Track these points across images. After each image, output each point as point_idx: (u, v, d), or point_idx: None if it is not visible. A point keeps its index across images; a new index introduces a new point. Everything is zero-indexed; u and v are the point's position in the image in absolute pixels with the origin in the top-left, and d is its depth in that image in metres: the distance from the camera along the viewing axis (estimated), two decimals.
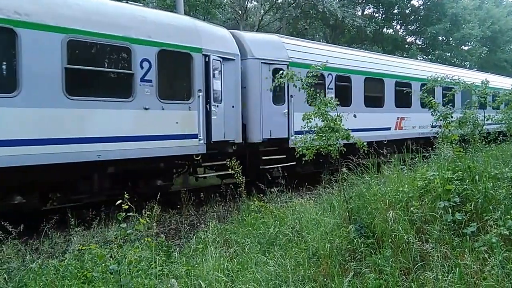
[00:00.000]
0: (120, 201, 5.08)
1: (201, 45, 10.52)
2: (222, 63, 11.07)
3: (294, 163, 12.05)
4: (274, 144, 12.45)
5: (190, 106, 10.24)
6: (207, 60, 10.59)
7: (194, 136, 10.33)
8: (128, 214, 5.26)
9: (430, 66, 20.35)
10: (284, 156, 12.41)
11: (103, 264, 5.03)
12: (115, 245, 5.17)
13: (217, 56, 10.88)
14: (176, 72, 10.51)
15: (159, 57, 9.63)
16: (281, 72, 11.66)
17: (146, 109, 9.32)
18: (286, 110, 12.52)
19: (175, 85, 10.48)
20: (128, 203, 5.04)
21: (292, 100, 12.52)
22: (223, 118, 11.00)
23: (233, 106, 11.33)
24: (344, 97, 13.93)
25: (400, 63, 18.23)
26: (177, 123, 9.96)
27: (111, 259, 5.14)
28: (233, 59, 11.43)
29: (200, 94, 10.40)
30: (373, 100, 15.86)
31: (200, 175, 11.46)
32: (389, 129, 16.40)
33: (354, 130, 13.74)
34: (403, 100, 16.65)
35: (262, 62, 12.18)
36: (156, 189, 9.61)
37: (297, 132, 12.29)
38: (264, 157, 12.15)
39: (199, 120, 10.39)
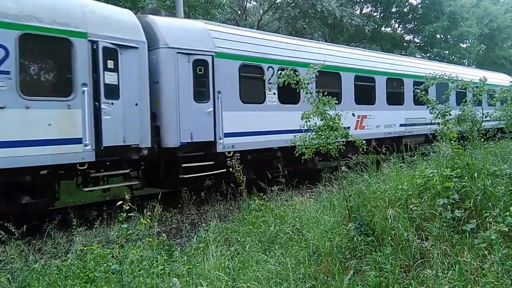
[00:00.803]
0: (121, 202, 5.12)
1: (87, 29, 8.62)
2: (120, 51, 9.10)
3: (224, 170, 10.34)
4: (199, 149, 10.62)
5: (70, 104, 8.34)
6: (95, 47, 8.69)
7: (77, 141, 8.40)
8: (129, 214, 5.31)
9: (396, 58, 18.87)
10: (212, 162, 10.68)
11: (105, 264, 5.06)
12: (117, 245, 5.19)
13: (111, 43, 8.93)
14: (49, 62, 8.44)
15: (21, 42, 7.81)
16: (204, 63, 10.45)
17: (0, 108, 7.54)
18: (212, 109, 10.68)
19: (47, 78, 8.41)
20: (129, 204, 5.08)
21: (220, 96, 10.83)
22: (121, 118, 9.02)
23: (136, 104, 9.37)
24: (289, 93, 12.07)
25: (360, 55, 16.41)
26: (50, 125, 8.05)
27: (113, 258, 5.17)
28: (136, 47, 9.44)
29: (86, 89, 8.49)
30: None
31: (87, 189, 9.28)
32: (348, 128, 14.62)
33: (302, 131, 12.27)
34: (365, 96, 15.18)
35: (178, 52, 10.18)
36: (24, 208, 8.18)
37: (227, 135, 11.03)
38: (184, 165, 10.27)
39: (84, 121, 8.45)
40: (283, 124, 12.27)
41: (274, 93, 12.23)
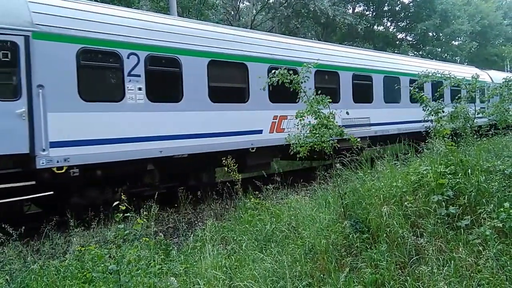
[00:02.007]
0: (117, 202, 5.15)
1: None
2: None
3: (52, 192, 7.98)
4: (8, 165, 7.80)
5: None
6: None
7: None
8: (126, 214, 5.33)
9: (329, 47, 15.35)
10: (33, 182, 7.77)
11: (103, 264, 5.08)
12: (114, 245, 5.22)
13: None
14: None
15: None
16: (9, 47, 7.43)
17: None
18: (25, 109, 7.66)
19: None
20: (126, 204, 5.10)
21: (42, 93, 7.81)
22: None
23: None
24: (166, 88, 10.00)
25: (276, 42, 13.05)
26: None
27: (110, 259, 5.19)
28: None
29: None
30: (228, 93, 11.18)
31: None
32: (259, 132, 11.51)
33: (186, 137, 9.82)
34: (284, 93, 10.59)
35: None
36: None
37: (56, 144, 7.97)
38: None
39: None
40: (157, 129, 9.44)
41: (140, 88, 9.17)
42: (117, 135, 8.83)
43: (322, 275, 4.84)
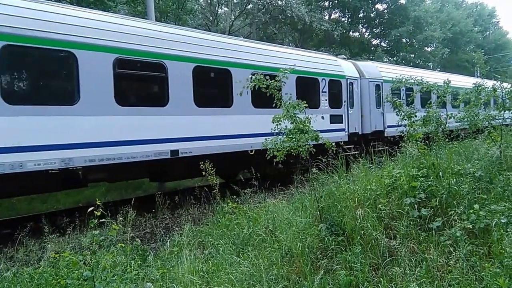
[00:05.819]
0: (92, 208, 5.09)
1: None
2: None
3: None
4: None
5: None
6: None
7: None
8: (101, 220, 5.27)
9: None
10: None
11: (78, 271, 5.01)
12: (89, 252, 5.16)
13: None
14: None
15: None
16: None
17: None
18: None
19: None
20: (101, 210, 5.05)
21: None
22: None
23: None
24: None
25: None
26: None
27: (85, 265, 5.13)
28: None
29: None
30: None
31: None
32: None
33: None
34: None
35: None
36: None
37: None
38: None
39: None
40: None
41: None
42: None
43: (298, 278, 4.87)
